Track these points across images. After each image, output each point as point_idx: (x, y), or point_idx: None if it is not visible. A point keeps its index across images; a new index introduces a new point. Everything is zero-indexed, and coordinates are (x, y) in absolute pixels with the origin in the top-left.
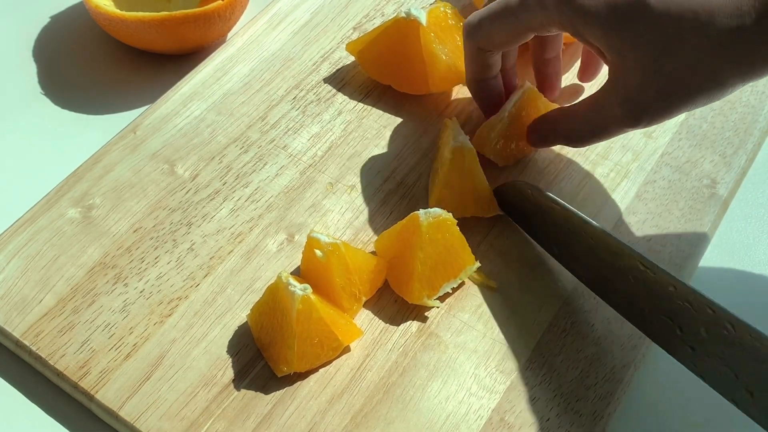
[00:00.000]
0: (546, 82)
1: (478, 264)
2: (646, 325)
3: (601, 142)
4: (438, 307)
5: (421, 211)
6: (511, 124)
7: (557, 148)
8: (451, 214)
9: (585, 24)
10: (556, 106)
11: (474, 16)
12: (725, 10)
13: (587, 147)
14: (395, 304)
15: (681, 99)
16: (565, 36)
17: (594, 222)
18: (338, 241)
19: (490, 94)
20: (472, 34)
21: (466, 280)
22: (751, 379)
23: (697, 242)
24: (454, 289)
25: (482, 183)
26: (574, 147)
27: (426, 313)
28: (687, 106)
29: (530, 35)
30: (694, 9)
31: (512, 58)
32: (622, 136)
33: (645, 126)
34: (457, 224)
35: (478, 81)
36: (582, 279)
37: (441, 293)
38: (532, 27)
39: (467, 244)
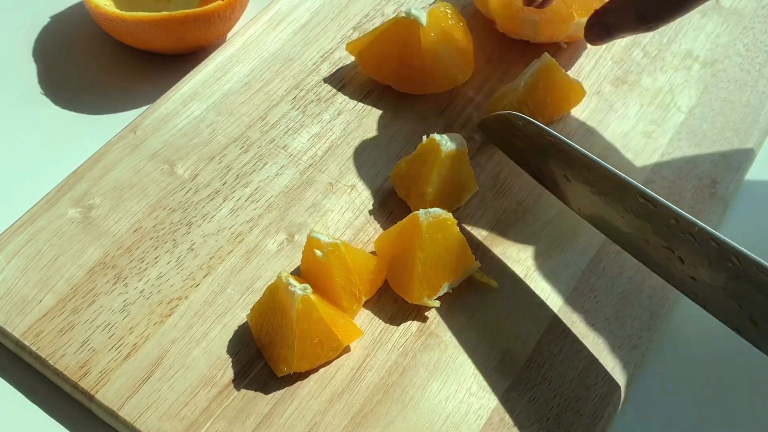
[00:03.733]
0: None
1: (478, 264)
2: (647, 256)
3: (674, 20)
4: (438, 307)
5: (421, 211)
6: (525, 94)
7: None
8: (450, 214)
9: None
10: (572, 79)
11: None
12: None
13: (588, 145)
14: (395, 304)
15: None
16: (567, 36)
17: (589, 153)
18: (338, 241)
19: None
20: None
21: (466, 280)
22: (756, 310)
23: None
24: (454, 289)
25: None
26: (648, 29)
27: (426, 313)
28: None
29: None
30: None
31: None
32: (621, 136)
33: None
34: (457, 224)
35: None
36: (579, 212)
37: (441, 293)
38: None
39: (467, 244)
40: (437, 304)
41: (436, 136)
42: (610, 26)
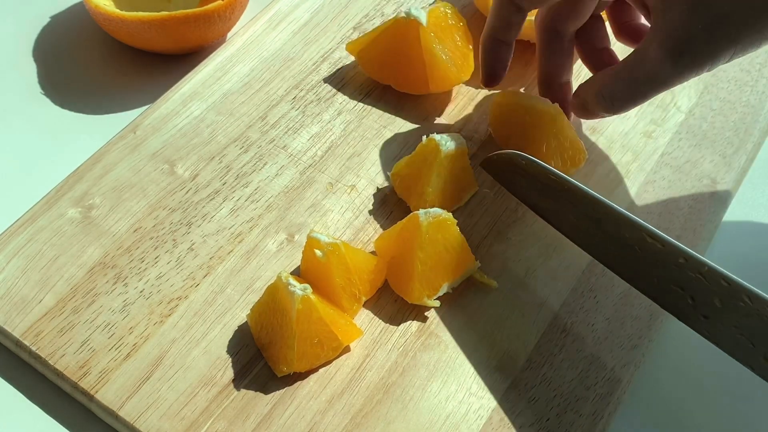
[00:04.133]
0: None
1: (478, 264)
2: (656, 294)
3: (641, 103)
4: (438, 307)
5: (421, 211)
6: (518, 128)
7: None
8: (450, 214)
9: None
10: (578, 139)
11: None
12: None
13: (588, 145)
14: (395, 304)
15: (725, 35)
16: None
17: (594, 193)
18: (338, 241)
19: (496, 59)
20: None
21: (466, 280)
22: None
23: (696, 243)
24: (454, 289)
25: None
26: (612, 113)
27: (426, 313)
28: (731, 46)
29: None
30: None
31: (567, 72)
32: (621, 136)
33: (685, 70)
34: (457, 224)
35: (493, 38)
36: (586, 249)
37: (441, 293)
38: None
39: (467, 244)
40: (437, 304)
41: (436, 136)
42: (587, 102)
